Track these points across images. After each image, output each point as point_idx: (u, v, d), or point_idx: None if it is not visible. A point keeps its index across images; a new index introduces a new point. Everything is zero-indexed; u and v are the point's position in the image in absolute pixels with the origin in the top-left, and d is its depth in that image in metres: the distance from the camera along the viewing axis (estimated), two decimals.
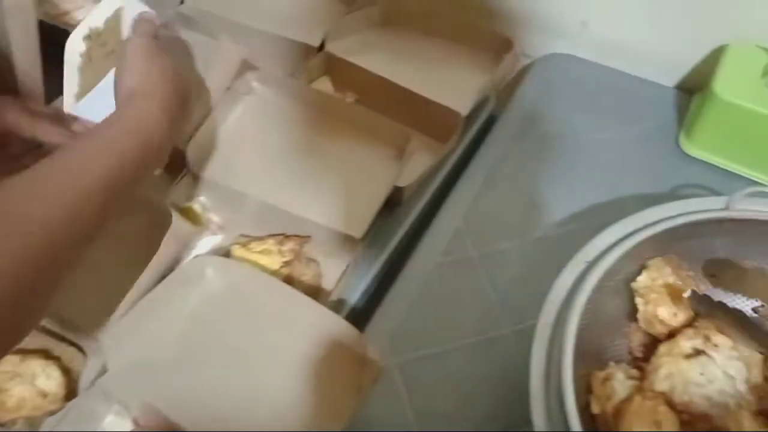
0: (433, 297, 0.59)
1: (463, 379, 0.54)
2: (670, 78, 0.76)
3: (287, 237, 0.59)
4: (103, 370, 0.53)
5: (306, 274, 0.59)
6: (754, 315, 0.53)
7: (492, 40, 0.74)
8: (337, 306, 0.59)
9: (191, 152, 0.63)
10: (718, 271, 0.53)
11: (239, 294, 0.55)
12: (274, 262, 0.57)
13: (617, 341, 0.52)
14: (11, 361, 0.54)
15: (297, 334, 0.53)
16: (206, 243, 0.62)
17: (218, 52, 0.67)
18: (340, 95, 0.73)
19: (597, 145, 0.70)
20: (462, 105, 0.67)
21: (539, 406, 0.42)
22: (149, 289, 0.54)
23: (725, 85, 0.64)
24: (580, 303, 0.44)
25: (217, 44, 0.67)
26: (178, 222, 0.56)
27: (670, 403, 0.46)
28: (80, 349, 0.56)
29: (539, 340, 0.45)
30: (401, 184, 0.62)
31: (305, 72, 0.72)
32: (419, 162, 0.66)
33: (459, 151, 0.71)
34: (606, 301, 0.49)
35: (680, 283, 0.50)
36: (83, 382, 0.55)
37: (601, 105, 0.74)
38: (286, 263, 0.57)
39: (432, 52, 0.75)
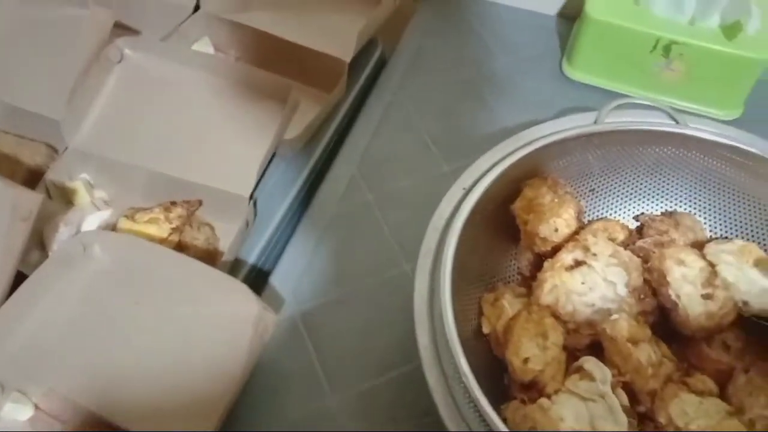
0: (331, 245, 0.59)
1: (365, 319, 0.54)
2: (552, 6, 0.77)
3: (174, 203, 0.58)
4: None
5: (198, 239, 0.58)
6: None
7: None
8: (234, 267, 0.58)
9: (66, 127, 0.60)
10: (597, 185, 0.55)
11: (128, 267, 0.54)
12: (162, 230, 0.56)
13: (506, 263, 0.53)
14: None
15: (190, 300, 0.52)
16: (94, 220, 0.60)
17: (86, 20, 0.64)
18: (221, 54, 0.71)
19: (484, 79, 0.71)
20: (344, 52, 0.66)
21: (423, 330, 0.43)
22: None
23: (597, 5, 0.65)
24: (456, 227, 0.45)
25: (85, 12, 0.64)
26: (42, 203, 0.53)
27: (556, 315, 0.47)
28: None
29: (421, 268, 0.46)
30: (288, 136, 0.62)
31: (182, 34, 0.70)
32: (308, 114, 0.65)
33: (350, 99, 0.70)
34: (488, 225, 0.50)
35: (558, 200, 0.51)
36: None
37: (486, 39, 0.75)
38: (174, 230, 0.56)
39: (310, 3, 0.74)
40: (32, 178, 0.61)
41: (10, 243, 0.51)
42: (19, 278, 0.53)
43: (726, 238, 0.53)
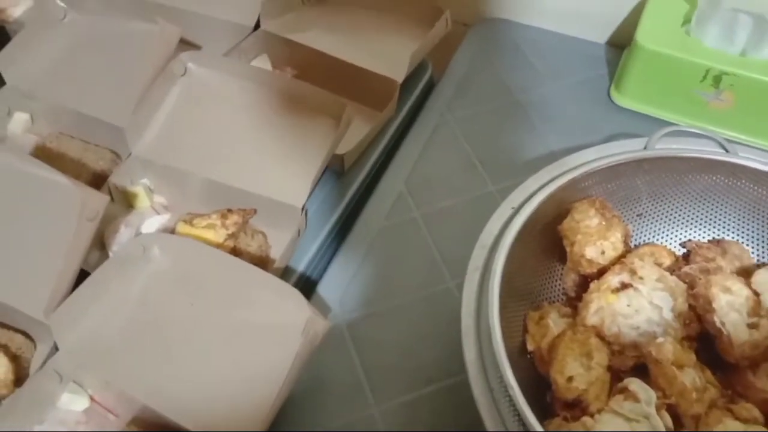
0: (378, 258, 0.61)
1: (409, 332, 0.56)
2: (601, 34, 0.78)
3: (231, 211, 0.60)
4: (53, 353, 0.54)
5: (251, 246, 0.60)
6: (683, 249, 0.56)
7: (423, 9, 0.75)
8: (284, 275, 0.60)
9: (130, 134, 0.63)
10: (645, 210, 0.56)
11: (185, 269, 0.56)
12: (218, 235, 0.58)
13: (551, 283, 0.54)
14: None
15: (243, 302, 0.54)
16: (153, 223, 0.63)
17: (155, 35, 0.67)
18: (279, 71, 0.74)
19: (531, 103, 0.72)
20: (397, 73, 0.69)
21: (470, 344, 0.44)
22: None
23: (648, 34, 0.66)
24: (505, 245, 0.46)
25: (154, 27, 0.68)
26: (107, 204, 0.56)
27: (601, 336, 0.48)
28: (27, 336, 0.56)
29: (469, 284, 0.47)
30: (340, 151, 0.64)
31: (242, 51, 0.73)
32: (360, 131, 0.67)
33: (399, 119, 0.73)
34: (535, 244, 0.51)
35: (605, 223, 0.51)
36: (34, 367, 0.55)
37: (535, 65, 0.76)
38: (230, 236, 0.58)
39: (365, 25, 0.77)
40: (96, 182, 0.65)
41: (76, 241, 0.54)
42: (81, 276, 0.55)
43: None
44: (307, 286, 0.61)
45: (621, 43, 0.76)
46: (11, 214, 0.58)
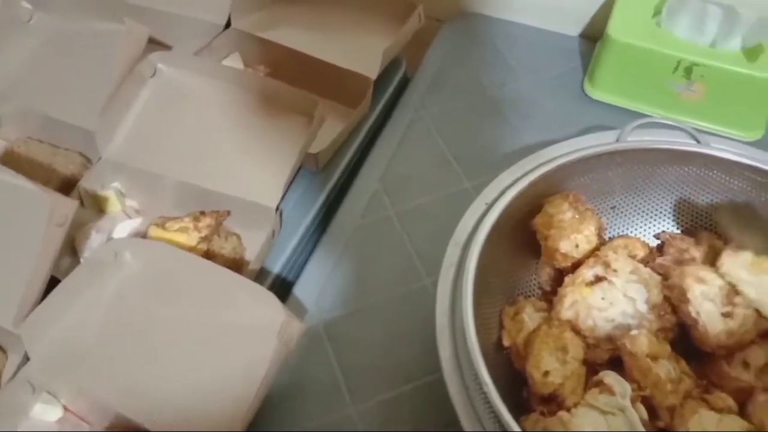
0: (354, 257, 0.60)
1: (386, 330, 0.55)
2: (575, 27, 0.78)
3: (203, 213, 0.60)
4: (25, 362, 0.53)
5: (225, 248, 0.59)
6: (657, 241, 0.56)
7: (395, 4, 0.75)
8: (259, 276, 0.60)
9: (99, 137, 0.62)
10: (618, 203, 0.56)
11: (157, 273, 0.56)
12: (191, 238, 0.57)
13: (526, 278, 0.54)
14: None
15: (217, 306, 0.54)
16: (125, 228, 0.62)
17: (122, 35, 0.66)
18: (250, 70, 0.73)
19: (506, 98, 0.72)
20: (370, 69, 0.68)
21: (445, 342, 0.44)
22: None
23: (619, 27, 0.66)
24: (479, 241, 0.46)
25: (121, 27, 0.67)
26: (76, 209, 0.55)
27: (576, 330, 0.48)
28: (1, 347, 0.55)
29: (443, 282, 0.47)
30: (314, 150, 0.63)
31: (213, 50, 0.72)
32: (333, 129, 0.67)
33: (374, 116, 0.72)
34: (509, 240, 0.51)
35: (579, 216, 0.51)
36: (5, 378, 0.54)
37: (509, 60, 0.76)
38: (203, 239, 0.58)
39: (338, 21, 0.76)
40: (66, 187, 0.63)
41: (45, 248, 0.53)
42: (52, 283, 0.54)
43: None
44: (283, 286, 0.61)
45: (594, 35, 0.76)
46: None
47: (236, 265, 0.59)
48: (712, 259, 0.51)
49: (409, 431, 0.50)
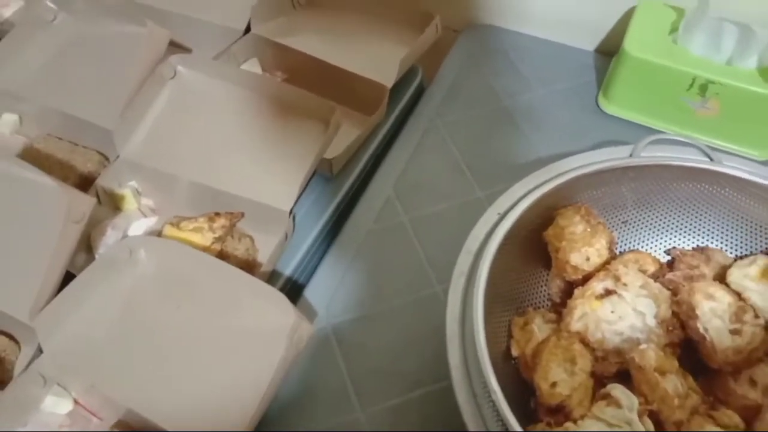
0: (365, 263, 0.61)
1: (395, 336, 0.56)
2: (590, 42, 0.79)
3: (218, 214, 0.60)
4: (38, 355, 0.54)
5: (238, 249, 0.60)
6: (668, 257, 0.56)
7: (413, 14, 0.75)
8: (271, 278, 0.60)
9: (118, 137, 0.63)
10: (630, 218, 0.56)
11: (171, 271, 0.56)
12: (205, 239, 0.58)
13: (536, 289, 0.54)
14: None
15: (229, 306, 0.54)
16: (140, 226, 0.63)
17: (144, 37, 0.67)
18: (268, 75, 0.74)
19: (520, 109, 0.73)
20: (386, 78, 0.69)
21: (455, 350, 0.44)
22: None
23: (635, 43, 0.67)
24: (491, 251, 0.46)
25: (143, 29, 0.68)
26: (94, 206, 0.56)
27: (585, 342, 0.48)
28: (12, 338, 0.56)
29: (454, 290, 0.47)
30: (329, 156, 0.64)
31: (232, 55, 0.73)
32: (348, 135, 0.68)
33: (389, 123, 0.73)
34: (521, 250, 0.51)
35: (590, 229, 0.52)
36: (18, 370, 0.55)
37: (524, 72, 0.77)
38: (217, 239, 0.58)
39: (356, 29, 0.77)
40: (84, 184, 0.64)
41: (62, 243, 0.54)
42: (67, 278, 0.55)
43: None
44: (294, 289, 0.61)
45: (609, 50, 0.77)
46: (2, 216, 0.57)
47: (249, 266, 0.60)
48: (722, 277, 0.52)
49: None
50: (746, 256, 0.52)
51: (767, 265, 0.49)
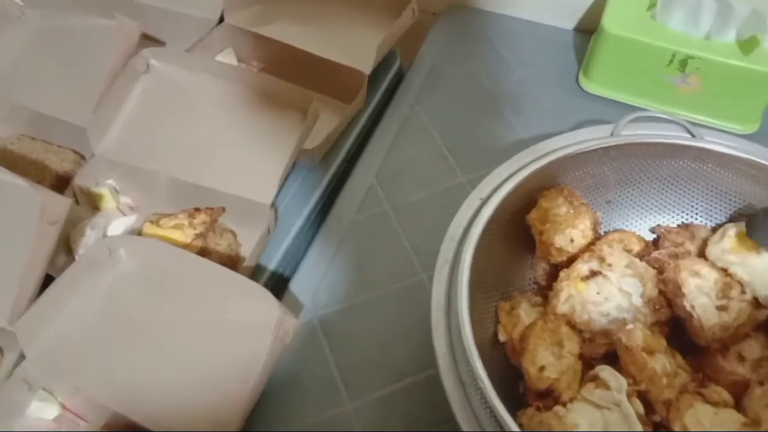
0: (350, 253, 0.60)
1: (382, 326, 0.55)
2: (569, 21, 0.78)
3: (198, 210, 0.60)
4: (21, 360, 0.53)
5: (220, 245, 0.59)
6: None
7: None
8: (255, 273, 0.60)
9: (92, 134, 0.62)
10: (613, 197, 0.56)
11: (152, 270, 0.55)
12: (185, 235, 0.57)
13: (521, 273, 0.54)
14: None
15: (212, 303, 0.54)
16: (120, 225, 0.62)
17: (114, 31, 0.66)
18: (244, 65, 0.73)
19: (501, 92, 0.72)
20: (364, 64, 0.68)
21: (441, 338, 0.44)
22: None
23: (614, 20, 0.66)
24: (473, 236, 0.46)
25: (112, 23, 0.66)
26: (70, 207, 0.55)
27: (571, 324, 0.48)
28: None
29: (439, 277, 0.46)
30: (309, 146, 0.63)
31: (206, 46, 0.72)
32: (329, 124, 0.67)
33: (369, 110, 0.72)
34: (504, 234, 0.51)
35: (574, 211, 0.51)
36: (1, 376, 0.54)
37: (504, 53, 0.76)
38: (198, 235, 0.57)
39: (332, 16, 0.75)
40: (60, 184, 0.63)
41: (39, 246, 0.53)
42: (47, 281, 0.54)
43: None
44: (279, 282, 0.61)
45: (589, 29, 0.76)
46: None
47: (232, 261, 0.59)
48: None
49: (405, 430, 0.50)
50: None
51: (738, 233, 0.49)
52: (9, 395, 0.52)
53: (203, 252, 0.58)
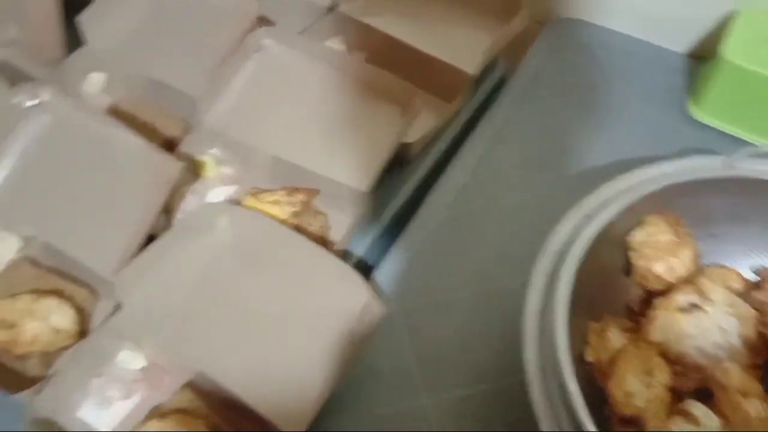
0: (438, 249, 0.61)
1: (465, 327, 0.55)
2: (680, 43, 0.76)
3: (297, 189, 0.61)
4: (115, 310, 0.55)
5: (312, 225, 0.60)
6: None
7: (500, 1, 0.74)
8: (343, 257, 0.60)
9: (202, 104, 0.64)
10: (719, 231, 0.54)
11: (249, 240, 0.57)
12: (283, 212, 0.59)
13: (614, 294, 0.53)
14: (25, 299, 0.57)
15: (304, 280, 0.55)
16: (219, 194, 0.64)
17: (233, 7, 0.68)
18: (351, 54, 0.74)
19: (604, 107, 0.71)
20: (469, 64, 0.68)
21: (532, 348, 0.44)
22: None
23: (735, 50, 0.64)
24: (576, 253, 0.46)
25: (232, 0, 0.68)
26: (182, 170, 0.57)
27: (664, 354, 0.47)
28: (92, 291, 0.58)
29: (534, 287, 0.46)
30: (408, 139, 0.64)
31: (316, 31, 0.73)
32: (427, 120, 0.67)
33: (467, 111, 0.72)
34: (602, 254, 0.50)
35: (677, 239, 0.50)
36: (94, 322, 0.57)
37: (609, 69, 0.75)
38: (295, 214, 0.59)
39: (439, 14, 0.75)
40: (166, 148, 0.65)
41: (148, 204, 0.55)
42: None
43: None
44: (363, 271, 0.61)
45: (701, 54, 0.74)
46: (88, 171, 0.59)
47: (322, 243, 0.60)
48: None
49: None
50: None
51: None
52: (99, 341, 0.55)
53: (296, 230, 0.59)
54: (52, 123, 0.62)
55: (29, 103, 0.63)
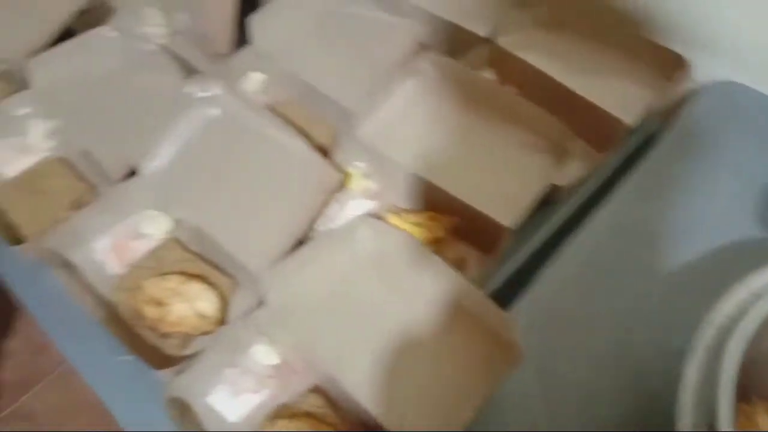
0: (577, 293, 0.60)
1: (594, 380, 0.54)
2: None
3: (440, 215, 0.62)
4: (256, 305, 0.57)
5: (448, 254, 0.60)
6: None
7: (662, 55, 0.72)
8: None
9: (358, 118, 0.66)
10: None
11: (388, 256, 0.58)
12: (423, 236, 0.59)
13: (764, 377, 0.51)
14: (174, 279, 0.60)
15: (440, 308, 0.55)
16: (360, 206, 0.65)
17: (400, 28, 0.70)
18: (506, 86, 0.74)
19: (758, 179, 0.68)
20: (629, 116, 0.67)
21: (687, 420, 0.42)
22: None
23: None
24: (747, 331, 0.44)
25: (400, 21, 0.70)
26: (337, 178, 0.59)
27: None
28: (234, 281, 0.60)
29: (693, 360, 0.45)
30: (558, 182, 0.63)
31: (469, 61, 0.74)
32: (578, 166, 0.66)
33: (615, 161, 0.71)
34: (765, 335, 0.48)
35: None
36: (233, 312, 0.59)
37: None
38: (434, 240, 0.59)
39: (597, 58, 0.75)
40: None
41: (305, 209, 0.57)
42: None
43: None
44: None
45: None
46: (248, 167, 0.62)
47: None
48: None
49: None
50: None
51: None
52: (235, 332, 0.57)
53: None
54: (221, 116, 0.66)
55: (201, 95, 0.66)
